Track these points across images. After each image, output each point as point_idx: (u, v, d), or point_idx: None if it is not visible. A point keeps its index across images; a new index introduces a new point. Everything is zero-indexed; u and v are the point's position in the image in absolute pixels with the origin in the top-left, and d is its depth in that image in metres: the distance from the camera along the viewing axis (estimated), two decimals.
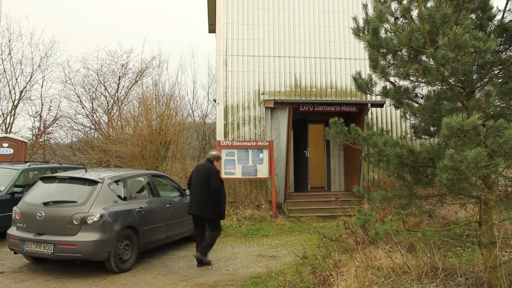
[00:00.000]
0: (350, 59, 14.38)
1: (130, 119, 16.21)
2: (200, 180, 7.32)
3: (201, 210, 7.26)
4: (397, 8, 5.34)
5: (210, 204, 7.22)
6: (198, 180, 7.38)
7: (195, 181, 7.43)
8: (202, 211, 7.25)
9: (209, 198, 7.19)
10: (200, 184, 7.30)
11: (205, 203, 7.21)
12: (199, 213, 7.28)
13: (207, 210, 7.23)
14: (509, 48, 5.49)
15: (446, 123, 4.11)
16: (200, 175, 7.39)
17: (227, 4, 14.12)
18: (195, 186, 7.41)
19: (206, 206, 7.21)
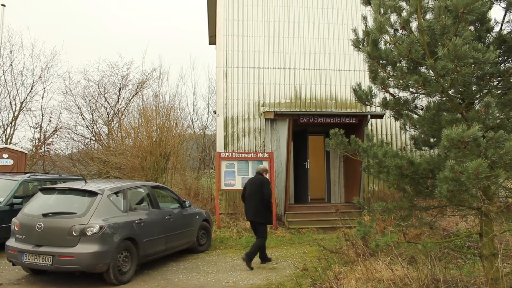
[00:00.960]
0: (350, 71, 14.43)
1: (130, 130, 16.23)
2: (255, 190, 8.33)
3: (255, 216, 8.26)
4: (397, 20, 5.37)
5: (263, 210, 8.27)
6: (252, 190, 8.38)
7: (250, 191, 8.42)
8: (256, 216, 8.26)
9: (263, 205, 8.23)
10: (255, 193, 8.30)
11: (259, 209, 8.22)
12: (254, 219, 8.28)
13: (260, 216, 8.25)
14: (508, 60, 5.51)
15: (446, 135, 4.11)
16: (255, 186, 8.38)
17: (227, 16, 14.21)
18: (249, 196, 8.40)
19: (260, 212, 8.23)
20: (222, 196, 13.06)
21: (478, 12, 4.33)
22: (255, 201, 8.27)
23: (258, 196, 8.25)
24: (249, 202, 8.40)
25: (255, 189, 8.36)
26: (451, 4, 4.25)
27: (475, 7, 4.16)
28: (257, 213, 8.25)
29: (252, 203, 8.33)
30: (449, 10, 4.43)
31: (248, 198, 8.44)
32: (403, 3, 5.56)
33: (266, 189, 8.29)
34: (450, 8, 4.34)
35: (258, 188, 8.30)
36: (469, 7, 4.15)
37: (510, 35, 5.49)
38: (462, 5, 4.15)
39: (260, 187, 8.29)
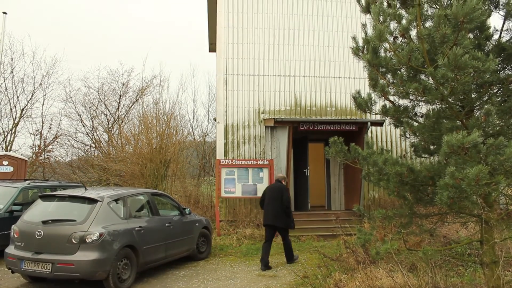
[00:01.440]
0: (350, 78, 14.47)
1: (130, 138, 16.24)
2: (274, 196, 8.78)
3: (276, 220, 8.71)
4: (396, 27, 5.40)
5: (283, 215, 8.71)
6: (272, 196, 8.83)
7: (269, 197, 8.86)
8: (277, 221, 8.71)
9: (282, 210, 8.68)
10: (274, 200, 8.76)
11: (279, 214, 8.70)
12: (274, 223, 8.72)
13: (280, 220, 8.71)
14: (507, 67, 5.53)
15: (447, 141, 4.12)
16: (274, 192, 8.86)
17: (227, 24, 14.27)
18: (269, 202, 8.82)
19: (280, 217, 8.70)
20: (222, 203, 13.04)
21: (478, 21, 4.35)
22: (275, 207, 8.74)
23: (278, 202, 8.72)
24: (269, 207, 8.83)
25: (274, 195, 8.82)
26: (451, 13, 4.27)
27: (475, 16, 4.18)
28: (277, 218, 8.72)
29: (271, 209, 8.78)
30: (448, 19, 4.45)
31: (268, 204, 8.87)
32: (403, 11, 5.59)
33: (286, 195, 8.78)
34: (450, 17, 4.36)
35: (278, 195, 8.78)
36: (468, 16, 4.17)
37: (509, 42, 5.51)
38: (461, 14, 4.17)
39: (280, 194, 8.77)
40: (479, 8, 4.13)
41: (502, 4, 5.55)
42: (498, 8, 5.57)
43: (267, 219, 8.84)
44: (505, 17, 5.52)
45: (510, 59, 5.42)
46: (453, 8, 4.19)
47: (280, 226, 8.80)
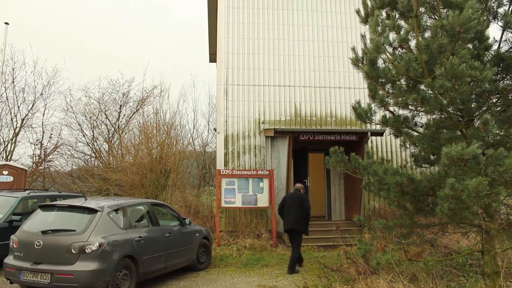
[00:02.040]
0: (350, 88, 14.51)
1: (130, 148, 16.24)
2: (294, 204, 9.46)
3: (296, 225, 9.33)
4: (395, 38, 5.43)
5: (303, 221, 9.39)
6: (292, 204, 9.49)
7: (290, 205, 9.52)
8: (297, 226, 9.33)
9: (302, 216, 9.37)
10: (295, 207, 9.42)
11: (299, 220, 9.35)
12: (295, 227, 9.33)
13: (300, 225, 9.35)
14: (506, 77, 5.56)
15: (446, 153, 4.13)
16: (294, 200, 9.54)
17: (227, 34, 14.34)
18: (289, 209, 9.48)
19: (300, 222, 9.36)
20: (222, 213, 13.00)
21: (475, 30, 4.38)
22: (295, 213, 9.39)
23: (298, 209, 9.38)
24: (289, 214, 9.48)
25: (294, 203, 9.49)
26: (447, 23, 4.30)
27: (471, 26, 4.21)
28: (297, 223, 9.34)
29: (292, 215, 9.42)
30: (445, 29, 4.48)
31: (288, 211, 9.51)
32: (402, 22, 5.62)
33: (306, 203, 9.53)
34: (447, 27, 4.39)
35: (298, 203, 9.44)
36: (465, 26, 4.20)
37: (508, 53, 5.54)
38: (458, 24, 4.20)
39: (300, 202, 9.46)
40: (474, 18, 4.16)
41: (500, 15, 5.59)
42: (497, 19, 5.61)
43: (288, 224, 9.43)
44: (503, 27, 5.55)
45: (509, 69, 5.45)
46: (449, 19, 4.23)
47: (299, 231, 9.38)
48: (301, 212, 9.36)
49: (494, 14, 5.65)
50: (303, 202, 9.48)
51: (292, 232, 9.44)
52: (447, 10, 5.18)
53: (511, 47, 5.48)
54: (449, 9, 4.85)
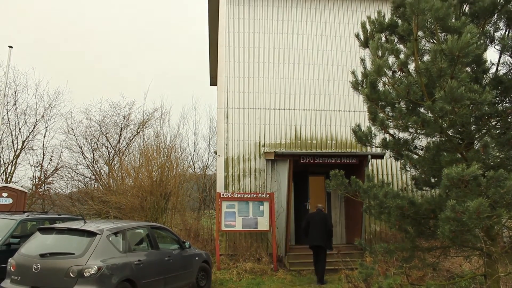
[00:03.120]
0: (350, 111, 14.58)
1: (130, 170, 16.22)
2: (319, 223, 10.35)
3: (321, 241, 10.26)
4: (394, 62, 5.49)
5: (327, 238, 10.33)
6: (317, 223, 10.37)
7: (315, 223, 10.38)
8: (322, 242, 10.27)
9: (326, 234, 10.31)
10: (319, 225, 10.32)
11: (324, 237, 10.28)
12: (320, 243, 10.27)
13: (325, 242, 10.30)
14: (505, 100, 5.60)
15: (447, 174, 4.13)
16: (319, 219, 10.41)
17: (228, 58, 14.49)
18: (315, 227, 10.34)
19: (324, 239, 10.29)
20: (222, 237, 12.91)
21: (473, 55, 4.43)
22: (320, 231, 10.29)
23: (322, 227, 10.30)
24: (314, 231, 10.35)
25: (319, 222, 10.38)
26: (447, 47, 4.36)
27: (470, 50, 4.27)
28: (322, 240, 10.26)
29: (317, 232, 10.31)
30: (445, 53, 4.53)
31: (313, 229, 10.36)
32: (401, 46, 5.70)
33: (330, 222, 10.51)
34: (446, 51, 4.44)
35: (322, 221, 10.36)
36: (464, 50, 4.26)
37: (506, 76, 5.59)
38: (457, 48, 4.26)
39: (324, 220, 10.40)
40: (473, 43, 4.22)
41: (497, 39, 5.67)
42: (494, 43, 5.68)
43: (315, 240, 10.33)
44: (500, 51, 5.62)
45: (508, 91, 5.49)
46: (449, 43, 4.28)
47: (325, 246, 10.30)
48: (325, 229, 10.29)
49: (491, 38, 5.73)
50: (327, 220, 10.45)
51: (318, 248, 10.34)
52: (445, 34, 5.25)
53: (509, 70, 5.54)
54: (447, 34, 4.91)
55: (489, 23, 5.85)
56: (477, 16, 5.98)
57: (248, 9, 15.01)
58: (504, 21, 5.87)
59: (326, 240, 10.36)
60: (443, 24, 5.06)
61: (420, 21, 5.05)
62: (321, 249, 10.35)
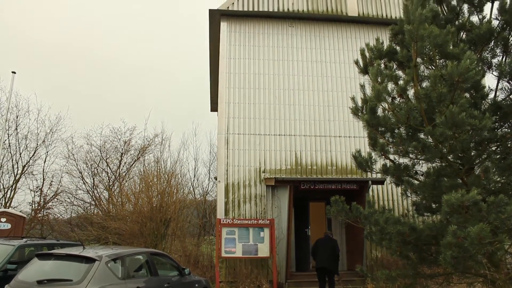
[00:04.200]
0: (350, 137, 14.62)
1: (130, 196, 16.15)
2: (329, 247, 10.82)
3: (330, 265, 10.66)
4: (394, 88, 5.54)
5: (334, 262, 10.76)
6: (326, 247, 10.84)
7: (324, 248, 10.86)
8: (331, 266, 10.68)
9: (334, 258, 10.78)
10: (329, 250, 10.79)
11: (333, 261, 10.74)
12: (328, 267, 10.67)
13: (333, 266, 10.73)
14: (504, 125, 5.62)
15: (446, 200, 4.12)
16: (327, 244, 10.88)
17: (229, 84, 14.62)
18: (323, 252, 10.83)
19: (333, 263, 10.74)
20: (222, 263, 12.76)
21: (473, 80, 4.48)
22: (328, 255, 10.74)
23: (330, 251, 10.76)
24: (323, 255, 10.81)
25: (327, 246, 10.86)
26: (446, 73, 4.41)
27: (470, 76, 4.31)
28: (331, 263, 10.71)
29: (326, 256, 10.76)
30: (444, 78, 4.58)
31: (322, 253, 10.84)
32: (399, 72, 5.76)
33: (337, 247, 11.00)
34: (445, 77, 4.49)
35: (331, 246, 10.84)
36: (464, 75, 4.31)
37: (505, 101, 5.64)
38: (456, 74, 4.31)
39: (333, 245, 10.90)
40: (473, 68, 4.27)
41: (494, 65, 5.74)
42: (491, 69, 5.75)
43: (323, 263, 10.73)
44: (498, 77, 5.69)
45: (507, 117, 5.52)
46: (448, 68, 4.33)
47: (332, 270, 10.73)
48: (333, 254, 10.76)
49: (488, 64, 5.80)
50: (335, 245, 10.95)
51: (325, 270, 10.78)
52: (444, 61, 5.32)
53: (507, 95, 5.59)
54: (446, 60, 4.98)
55: (486, 50, 5.94)
56: (475, 43, 6.07)
57: (248, 36, 15.23)
58: (501, 47, 5.96)
59: (333, 264, 10.75)
60: (442, 51, 5.13)
61: (419, 48, 5.12)
62: (329, 273, 10.77)
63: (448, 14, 6.66)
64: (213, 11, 15.09)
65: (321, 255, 10.82)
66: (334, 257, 10.82)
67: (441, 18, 6.59)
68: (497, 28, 6.07)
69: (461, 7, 6.69)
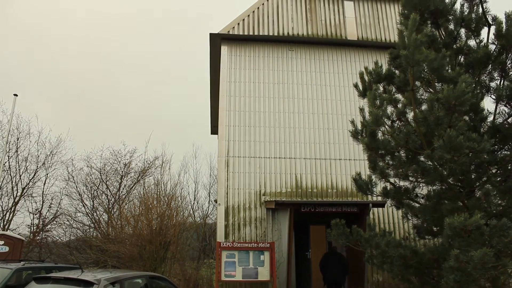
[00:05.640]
0: (350, 160, 14.61)
1: (130, 218, 16.07)
2: (337, 262, 11.75)
3: (338, 277, 11.68)
4: (393, 111, 5.57)
5: (342, 275, 11.76)
6: (335, 262, 11.76)
7: (332, 262, 11.77)
8: (339, 278, 11.69)
9: (342, 271, 11.77)
10: (337, 264, 11.71)
11: (341, 274, 11.72)
12: (337, 279, 11.65)
13: (341, 278, 11.71)
14: (504, 148, 5.64)
15: (449, 223, 4.10)
16: (336, 259, 11.83)
17: (229, 107, 14.69)
18: (332, 265, 11.69)
19: (341, 276, 11.71)
20: (222, 287, 12.61)
21: (469, 103, 4.51)
22: (337, 269, 11.63)
23: (340, 265, 11.70)
24: (332, 269, 11.68)
25: (336, 261, 11.77)
26: (443, 96, 4.44)
27: (466, 99, 4.35)
28: (339, 276, 11.66)
29: (335, 270, 11.65)
30: (441, 102, 4.62)
31: (331, 267, 11.69)
32: (399, 95, 5.81)
33: (345, 261, 11.94)
34: (442, 100, 4.53)
35: (338, 260, 11.76)
36: (460, 99, 4.34)
37: (503, 124, 5.66)
38: (453, 97, 4.34)
39: (340, 259, 11.81)
40: (469, 91, 4.30)
41: (492, 89, 5.79)
42: (490, 92, 5.80)
43: (334, 276, 11.66)
44: (496, 100, 5.73)
45: (506, 140, 5.54)
46: (445, 92, 4.37)
47: (340, 282, 11.65)
48: (342, 267, 11.69)
49: (487, 87, 5.85)
50: (342, 259, 11.82)
51: (336, 283, 11.64)
52: (442, 84, 5.37)
53: (506, 119, 5.62)
54: (443, 83, 5.03)
55: (484, 74, 6.00)
56: (473, 67, 6.14)
57: (249, 60, 15.38)
58: (498, 71, 6.03)
59: (341, 277, 11.68)
60: (439, 74, 5.19)
61: (415, 72, 5.17)
62: (339, 286, 11.69)
63: (446, 38, 6.75)
64: (214, 35, 15.28)
65: (331, 268, 11.65)
66: (343, 270, 11.75)
67: (439, 42, 6.69)
68: (494, 52, 6.14)
69: (458, 31, 6.79)
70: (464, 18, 6.70)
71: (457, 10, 6.84)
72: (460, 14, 6.76)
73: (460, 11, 6.81)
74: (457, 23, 6.72)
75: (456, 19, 6.76)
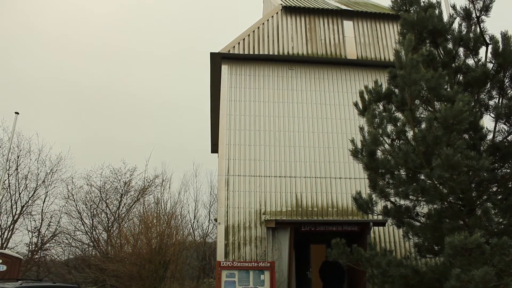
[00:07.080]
0: (351, 179, 14.59)
1: (129, 237, 15.98)
2: (335, 269, 11.95)
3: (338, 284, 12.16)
4: (393, 130, 5.59)
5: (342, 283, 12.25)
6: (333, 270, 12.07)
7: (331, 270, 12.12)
8: (339, 285, 12.15)
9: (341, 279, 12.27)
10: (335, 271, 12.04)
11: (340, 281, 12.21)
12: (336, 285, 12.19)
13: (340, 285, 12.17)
14: (504, 166, 5.64)
15: (449, 242, 4.08)
16: (335, 267, 11.81)
17: (229, 126, 14.73)
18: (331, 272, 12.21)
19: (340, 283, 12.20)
20: None
21: (468, 122, 4.53)
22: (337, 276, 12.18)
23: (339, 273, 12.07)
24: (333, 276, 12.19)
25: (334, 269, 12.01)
26: (440, 115, 4.47)
27: (464, 118, 4.37)
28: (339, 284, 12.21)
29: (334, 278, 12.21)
30: (439, 121, 4.64)
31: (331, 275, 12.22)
32: (399, 114, 5.83)
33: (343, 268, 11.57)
34: (440, 120, 4.55)
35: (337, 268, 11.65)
36: (458, 117, 4.36)
37: (503, 143, 5.68)
38: (450, 116, 4.36)
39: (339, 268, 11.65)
40: (466, 110, 4.32)
41: (491, 107, 5.82)
42: (489, 111, 5.83)
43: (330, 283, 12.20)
44: (495, 118, 5.75)
45: (506, 158, 5.55)
46: (442, 111, 4.40)
47: None
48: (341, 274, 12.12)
49: (485, 106, 5.89)
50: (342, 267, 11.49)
51: None
52: (440, 103, 5.40)
53: (505, 137, 5.64)
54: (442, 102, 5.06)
55: (483, 92, 6.04)
56: (471, 85, 6.18)
57: (249, 79, 15.48)
58: (497, 90, 6.07)
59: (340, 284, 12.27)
60: (436, 93, 5.23)
61: (413, 91, 5.21)
62: None
63: (445, 57, 6.82)
64: (214, 54, 15.40)
65: (330, 276, 12.17)
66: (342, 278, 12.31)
67: (438, 61, 6.75)
68: (492, 71, 6.20)
69: (457, 50, 6.86)
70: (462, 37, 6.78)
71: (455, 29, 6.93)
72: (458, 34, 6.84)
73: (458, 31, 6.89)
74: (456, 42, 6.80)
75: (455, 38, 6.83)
